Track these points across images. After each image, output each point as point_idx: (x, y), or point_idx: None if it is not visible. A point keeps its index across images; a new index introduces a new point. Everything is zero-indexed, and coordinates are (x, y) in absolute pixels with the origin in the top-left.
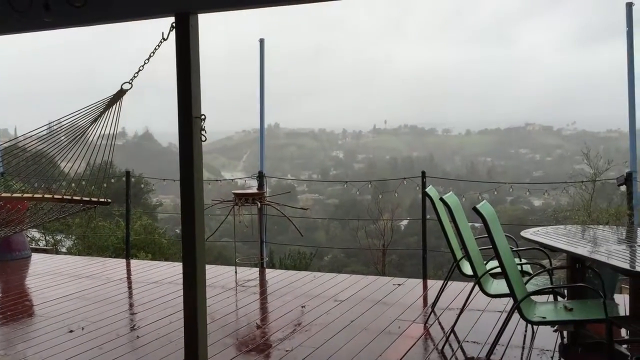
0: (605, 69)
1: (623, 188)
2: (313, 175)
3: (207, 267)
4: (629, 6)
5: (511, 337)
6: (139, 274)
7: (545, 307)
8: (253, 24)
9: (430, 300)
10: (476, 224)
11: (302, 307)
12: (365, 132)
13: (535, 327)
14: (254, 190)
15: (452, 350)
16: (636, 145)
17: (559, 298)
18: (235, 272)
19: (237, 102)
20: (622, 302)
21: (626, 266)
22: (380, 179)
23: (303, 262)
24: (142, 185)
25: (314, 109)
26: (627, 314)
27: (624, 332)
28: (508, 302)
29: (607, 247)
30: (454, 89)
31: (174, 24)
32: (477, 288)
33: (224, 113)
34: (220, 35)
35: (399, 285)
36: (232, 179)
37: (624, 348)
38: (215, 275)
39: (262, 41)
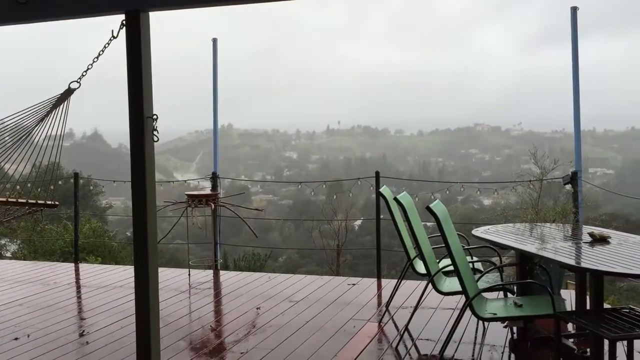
0: (551, 71)
1: (569, 187)
2: (267, 176)
3: (160, 270)
4: (574, 10)
5: (463, 333)
6: (89, 278)
7: (495, 303)
8: (206, 24)
9: (384, 299)
10: (429, 223)
11: (257, 308)
12: (319, 133)
13: (486, 323)
14: (208, 191)
15: (406, 348)
16: (581, 145)
17: (509, 294)
18: (189, 274)
19: (189, 102)
20: (569, 297)
21: (572, 262)
22: (334, 179)
23: (257, 263)
24: (91, 187)
25: (268, 109)
26: (573, 308)
27: (570, 326)
28: (460, 300)
29: (554, 244)
30: (407, 90)
31: (124, 22)
32: (430, 286)
33: (176, 113)
34: (172, 34)
35: (354, 284)
36: (185, 181)
37: (570, 342)
38: (168, 278)
39: (215, 41)
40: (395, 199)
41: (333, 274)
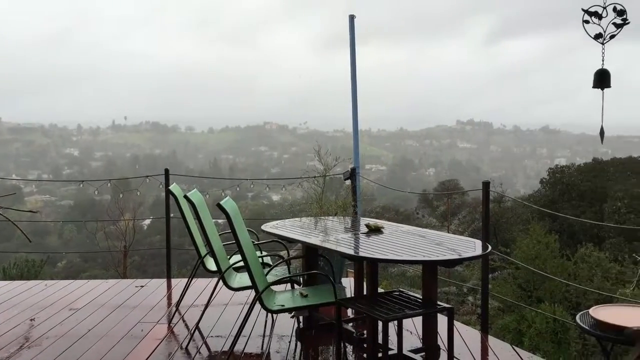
0: (334, 74)
1: (348, 182)
2: (43, 174)
3: None
4: (352, 18)
5: (253, 327)
6: None
7: (283, 295)
8: None
9: (174, 300)
10: (220, 220)
11: (31, 320)
12: (104, 128)
13: (275, 315)
14: None
15: (197, 347)
16: (359, 144)
17: (296, 286)
18: None
19: None
20: (349, 285)
21: (351, 252)
22: (120, 177)
23: (32, 270)
24: None
25: (45, 102)
26: (353, 295)
27: (350, 311)
28: (251, 294)
29: (336, 235)
30: (197, 86)
31: None
32: (221, 283)
33: None
34: None
35: (142, 286)
36: None
37: (350, 326)
38: None
39: None
40: (185, 197)
41: (120, 276)
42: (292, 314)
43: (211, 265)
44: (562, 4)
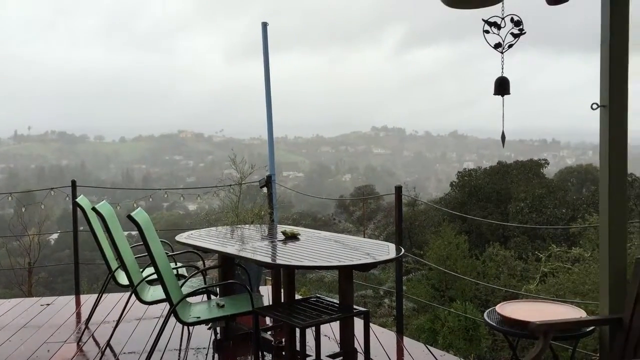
0: (250, 81)
1: (265, 190)
2: None
3: None
4: (264, 25)
5: (168, 341)
6: None
7: (199, 307)
8: None
9: (84, 317)
10: (133, 232)
11: None
12: (5, 139)
13: (191, 327)
14: None
15: None
16: (274, 151)
17: (213, 297)
18: None
19: None
20: (267, 293)
21: (268, 260)
22: (24, 190)
23: None
24: None
25: None
26: (270, 303)
27: (268, 320)
28: (165, 307)
29: (253, 244)
30: (108, 94)
31: None
32: (133, 297)
33: None
34: None
35: (48, 305)
36: None
37: (268, 335)
38: None
39: None
40: (94, 209)
41: (24, 295)
42: (209, 325)
43: (123, 279)
44: (467, 15)
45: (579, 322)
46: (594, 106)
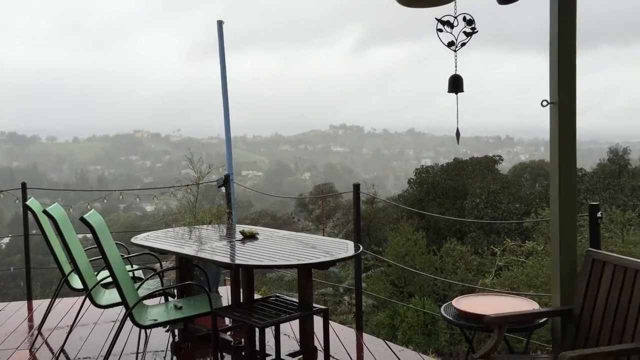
0: (208, 80)
1: (223, 189)
2: None
3: None
4: (220, 24)
5: (125, 345)
6: None
7: (156, 309)
8: None
9: (37, 322)
10: (88, 235)
11: None
12: None
13: (148, 331)
14: None
15: None
16: (232, 150)
17: (170, 299)
18: None
19: None
20: (226, 293)
21: (227, 260)
22: None
23: None
24: None
25: None
26: (230, 303)
27: (228, 320)
28: (121, 311)
29: (211, 244)
30: (59, 94)
31: None
32: (88, 301)
33: None
34: None
35: None
36: None
37: (228, 335)
38: None
39: None
40: (45, 212)
41: None
42: (167, 327)
43: (77, 283)
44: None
45: (531, 314)
46: (544, 103)
